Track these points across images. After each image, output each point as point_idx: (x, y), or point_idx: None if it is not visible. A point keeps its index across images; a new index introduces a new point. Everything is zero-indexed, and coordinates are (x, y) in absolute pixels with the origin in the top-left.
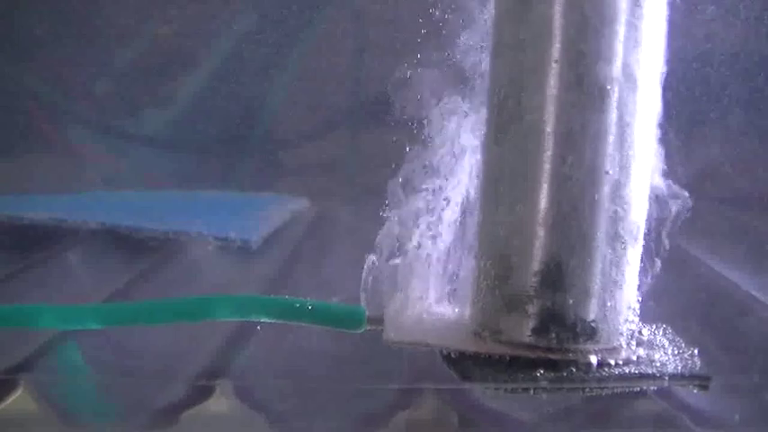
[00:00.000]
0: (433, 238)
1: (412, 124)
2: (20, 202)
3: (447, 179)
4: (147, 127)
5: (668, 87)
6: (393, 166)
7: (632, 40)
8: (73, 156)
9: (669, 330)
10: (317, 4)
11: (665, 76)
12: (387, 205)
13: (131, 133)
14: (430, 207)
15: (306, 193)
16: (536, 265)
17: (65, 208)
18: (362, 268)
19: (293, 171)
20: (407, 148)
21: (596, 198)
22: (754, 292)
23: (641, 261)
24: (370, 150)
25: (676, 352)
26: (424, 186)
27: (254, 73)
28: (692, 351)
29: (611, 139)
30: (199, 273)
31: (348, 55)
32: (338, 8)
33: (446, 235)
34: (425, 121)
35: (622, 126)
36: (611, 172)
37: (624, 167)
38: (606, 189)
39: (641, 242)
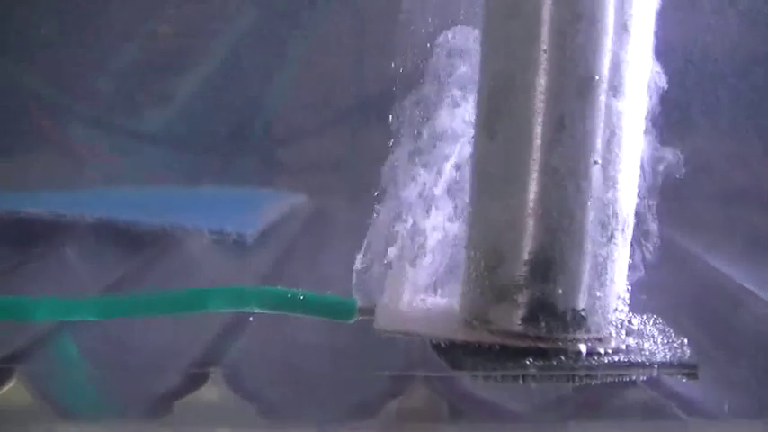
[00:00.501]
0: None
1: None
2: (18, 198)
3: None
4: (147, 126)
5: (662, 81)
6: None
7: (621, 30)
8: (73, 155)
9: (659, 320)
10: (318, 1)
11: (658, 69)
12: None
13: (132, 132)
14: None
15: (305, 190)
16: (526, 254)
17: (63, 204)
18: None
19: (292, 169)
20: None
21: (585, 188)
22: (747, 285)
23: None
24: (370, 148)
25: (666, 341)
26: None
27: (253, 71)
28: (682, 340)
29: (600, 129)
30: (195, 267)
31: (349, 52)
32: (339, 5)
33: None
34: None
35: (611, 116)
36: (600, 162)
37: (613, 157)
38: (595, 179)
39: (630, 231)
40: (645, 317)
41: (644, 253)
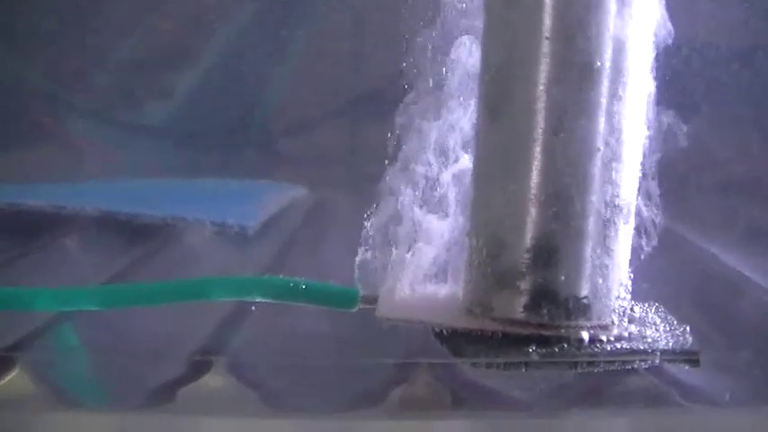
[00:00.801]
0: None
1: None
2: (19, 190)
3: None
4: (146, 119)
5: (661, 71)
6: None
7: (624, 16)
8: (73, 150)
9: (661, 308)
10: None
11: (658, 60)
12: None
13: (131, 125)
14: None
15: (305, 182)
16: (528, 241)
17: (63, 196)
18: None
19: (293, 161)
20: None
21: (588, 175)
22: (747, 274)
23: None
24: (368, 141)
25: (668, 329)
26: None
27: (253, 64)
28: (684, 328)
29: (603, 115)
30: (196, 259)
31: (347, 45)
32: None
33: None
34: None
35: (613, 103)
36: (602, 148)
37: (615, 144)
38: (598, 166)
39: (633, 219)
40: (647, 305)
41: (653, 218)
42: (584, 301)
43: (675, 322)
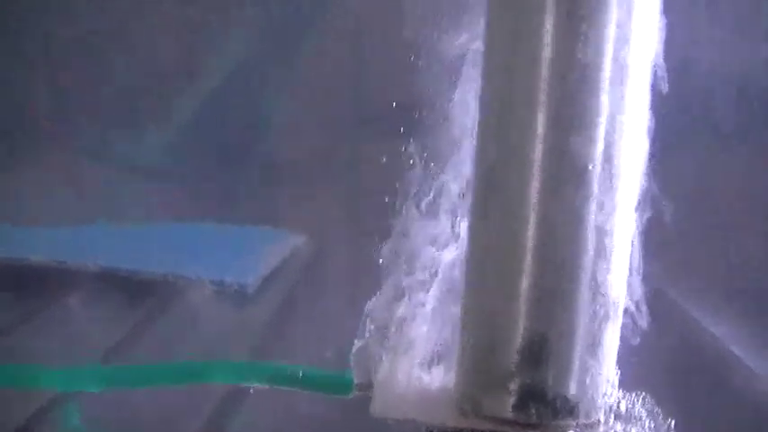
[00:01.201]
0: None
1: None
2: (19, 236)
3: None
4: (146, 149)
5: (661, 111)
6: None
7: (615, 123)
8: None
9: (648, 400)
10: (315, 21)
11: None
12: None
13: (131, 155)
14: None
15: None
16: (518, 342)
17: (64, 244)
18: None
19: (293, 191)
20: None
21: (578, 275)
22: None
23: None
24: (370, 165)
25: (653, 425)
26: None
27: (252, 92)
28: (669, 423)
29: (592, 219)
30: (196, 318)
31: (348, 71)
32: (336, 23)
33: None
34: None
35: (602, 208)
36: (592, 252)
37: (605, 247)
38: (587, 267)
39: (621, 317)
40: (633, 396)
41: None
42: (572, 400)
43: (661, 416)
